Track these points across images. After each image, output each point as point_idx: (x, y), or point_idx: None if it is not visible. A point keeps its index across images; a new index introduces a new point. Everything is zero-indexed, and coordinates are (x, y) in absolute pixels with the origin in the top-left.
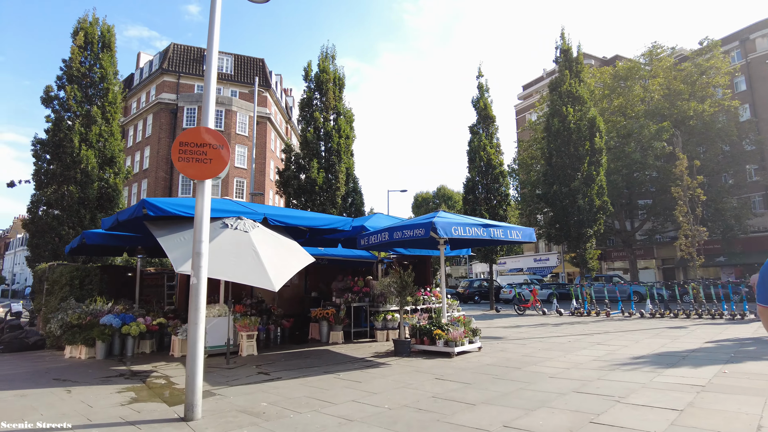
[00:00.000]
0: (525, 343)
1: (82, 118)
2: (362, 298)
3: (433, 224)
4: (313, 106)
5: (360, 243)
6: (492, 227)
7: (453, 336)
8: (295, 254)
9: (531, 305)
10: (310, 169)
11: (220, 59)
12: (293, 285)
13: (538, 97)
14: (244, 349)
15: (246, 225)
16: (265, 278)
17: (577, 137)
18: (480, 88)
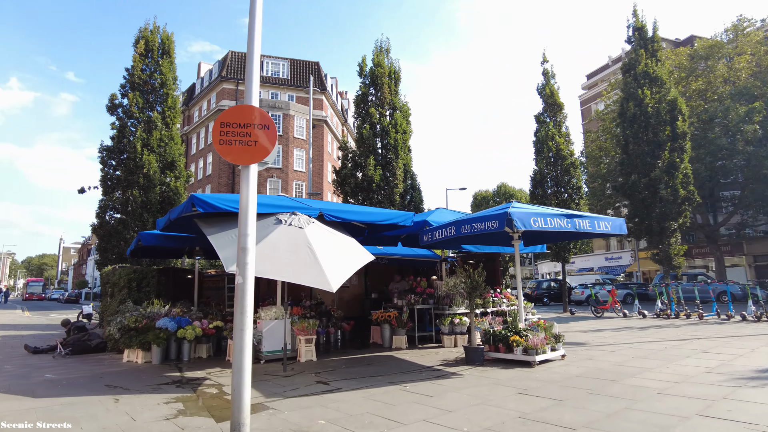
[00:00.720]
0: (613, 350)
1: (144, 123)
2: (426, 300)
3: (508, 215)
4: (368, 102)
5: (423, 240)
6: (577, 218)
7: (533, 343)
8: (353, 252)
9: (609, 307)
10: (367, 166)
11: (275, 65)
12: (353, 286)
13: (605, 86)
14: (303, 355)
15: (301, 221)
16: (321, 278)
17: (656, 122)
18: (545, 75)
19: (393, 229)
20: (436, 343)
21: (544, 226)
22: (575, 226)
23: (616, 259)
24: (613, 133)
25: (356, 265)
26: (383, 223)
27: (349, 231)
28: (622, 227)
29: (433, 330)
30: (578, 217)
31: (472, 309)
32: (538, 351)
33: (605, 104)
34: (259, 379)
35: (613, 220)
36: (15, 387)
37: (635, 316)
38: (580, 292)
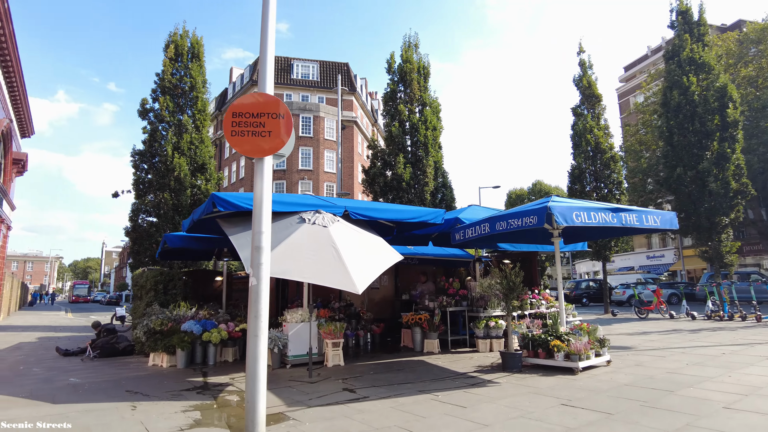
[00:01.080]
0: (664, 356)
1: (174, 127)
2: (459, 302)
3: (548, 209)
4: (397, 100)
5: (454, 238)
6: (623, 212)
7: (575, 348)
8: (380, 252)
9: (654, 308)
10: (396, 164)
11: (305, 67)
12: (383, 287)
13: (644, 77)
14: (330, 359)
15: (325, 219)
16: (346, 279)
17: (704, 110)
18: (582, 65)
19: (423, 227)
20: (471, 347)
21: (587, 221)
22: (621, 221)
23: (658, 257)
24: (654, 125)
25: (384, 265)
26: (412, 221)
27: (377, 230)
28: (673, 222)
29: (467, 333)
30: (624, 211)
31: (509, 311)
32: (582, 357)
33: (645, 96)
34: (283, 386)
35: (663, 214)
36: (38, 392)
37: (683, 318)
38: (622, 292)
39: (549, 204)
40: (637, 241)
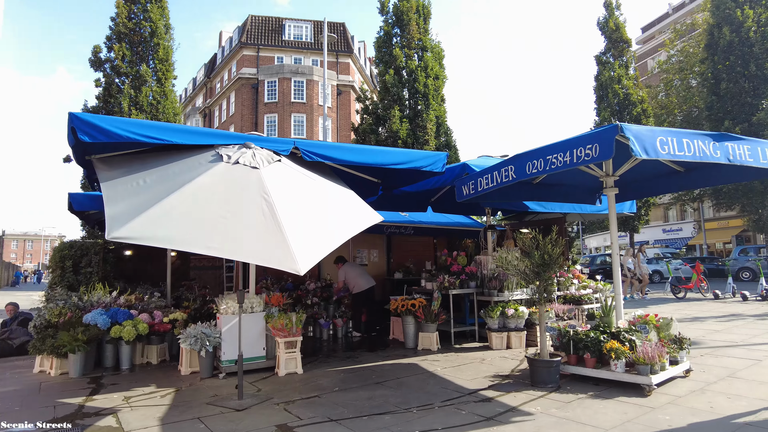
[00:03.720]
0: (756, 358)
1: (132, 79)
2: (465, 282)
3: (620, 131)
4: (392, 44)
5: (460, 193)
6: (730, 140)
7: (645, 354)
8: (346, 210)
9: (694, 286)
10: (391, 119)
11: (298, 28)
12: (372, 264)
13: (666, 36)
14: (282, 365)
15: (256, 157)
16: (281, 251)
17: (761, 50)
18: (608, 6)
19: (417, 179)
20: (480, 341)
21: (677, 153)
22: (728, 155)
23: (675, 231)
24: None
25: (349, 230)
26: (398, 167)
27: (355, 186)
28: None
29: (475, 322)
30: (731, 139)
31: (542, 298)
32: (654, 367)
33: (668, 55)
34: (193, 415)
35: None
36: None
37: (730, 298)
38: None
39: (620, 124)
40: (654, 213)
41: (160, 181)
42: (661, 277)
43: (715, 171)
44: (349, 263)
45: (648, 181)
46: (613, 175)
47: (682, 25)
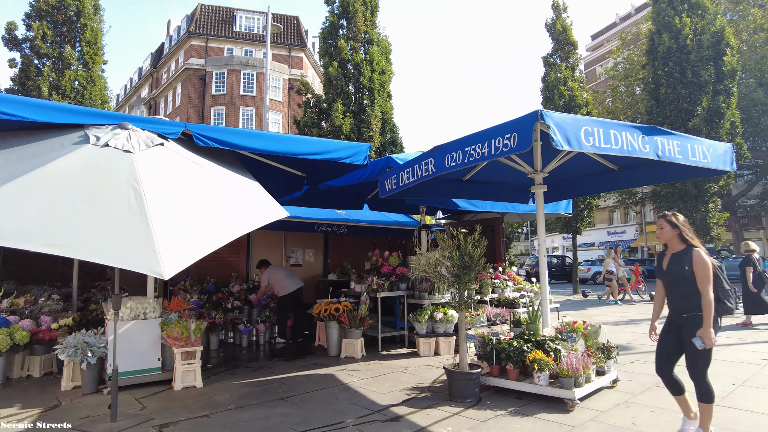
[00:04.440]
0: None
1: (54, 61)
2: (395, 285)
3: (539, 117)
4: (338, 36)
5: (383, 188)
6: (660, 135)
7: (570, 365)
8: (243, 203)
9: (633, 288)
10: (334, 113)
11: (249, 19)
12: (307, 264)
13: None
14: (179, 379)
15: (132, 140)
16: (143, 250)
17: (697, 58)
18: (555, 8)
19: (342, 173)
20: (410, 346)
21: (605, 145)
22: (657, 150)
23: (619, 233)
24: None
25: (241, 226)
26: (313, 157)
27: (277, 180)
28: (728, 158)
29: (405, 327)
30: (661, 133)
31: (462, 302)
32: (579, 379)
33: (614, 62)
34: None
35: (714, 146)
36: None
37: None
38: (586, 269)
39: (542, 111)
40: (599, 216)
41: (5, 166)
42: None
43: (649, 169)
44: (274, 266)
45: (582, 179)
46: (542, 172)
47: (628, 33)
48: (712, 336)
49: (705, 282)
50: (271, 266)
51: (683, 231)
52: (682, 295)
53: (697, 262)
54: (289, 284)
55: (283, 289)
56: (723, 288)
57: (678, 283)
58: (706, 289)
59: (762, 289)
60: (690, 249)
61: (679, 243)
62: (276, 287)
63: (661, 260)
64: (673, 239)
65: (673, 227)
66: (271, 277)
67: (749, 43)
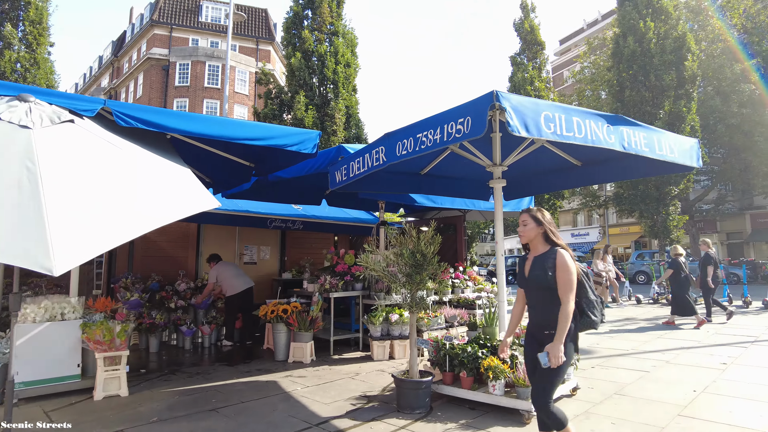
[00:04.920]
0: (645, 369)
1: None
2: (350, 284)
3: (495, 99)
4: (302, 27)
5: (333, 180)
6: (626, 125)
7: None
8: (167, 191)
9: None
10: (296, 106)
11: (216, 10)
12: (263, 262)
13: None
14: (100, 387)
15: (32, 114)
16: (30, 240)
17: (660, 62)
18: (524, 8)
19: (291, 163)
20: (364, 349)
21: (567, 133)
22: (623, 141)
23: (582, 235)
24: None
25: (161, 217)
26: (254, 143)
27: (223, 170)
28: (694, 153)
29: (360, 329)
30: (626, 123)
31: (414, 304)
32: None
33: (581, 66)
34: None
35: (680, 141)
36: None
37: (626, 301)
38: None
39: (498, 92)
40: (563, 218)
41: None
42: None
43: (613, 165)
44: (225, 262)
45: (544, 175)
46: (501, 165)
47: (595, 39)
48: (560, 353)
49: (566, 290)
50: (221, 262)
51: (548, 230)
52: (545, 306)
53: (560, 266)
54: (238, 283)
55: (231, 288)
56: (588, 298)
57: (540, 292)
58: (567, 298)
59: (688, 291)
60: (554, 251)
61: (542, 244)
62: (224, 286)
63: (523, 264)
64: (536, 239)
65: (537, 224)
66: (219, 274)
67: (707, 52)
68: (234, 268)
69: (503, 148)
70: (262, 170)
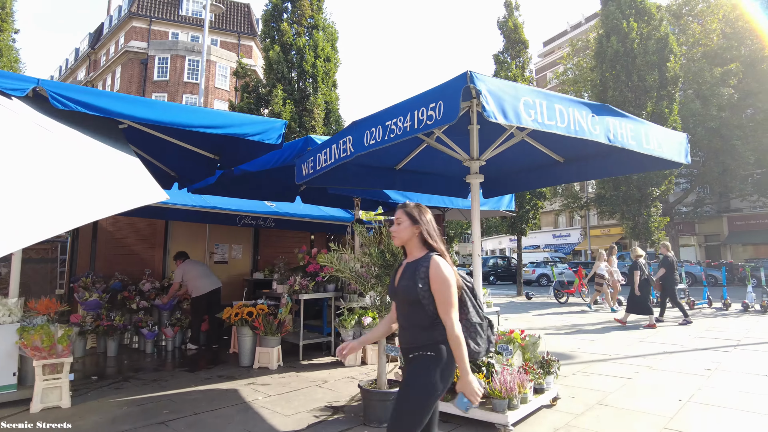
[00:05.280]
0: (628, 376)
1: None
2: (322, 285)
3: (469, 80)
4: (281, 20)
5: (300, 173)
6: (612, 115)
7: (504, 385)
8: (107, 181)
9: (576, 291)
10: (273, 100)
11: (197, 3)
12: (234, 262)
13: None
14: (37, 398)
15: None
16: None
17: (643, 62)
18: (508, 6)
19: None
20: (336, 355)
21: (548, 122)
22: (608, 133)
23: (564, 236)
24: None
25: (96, 210)
26: (210, 131)
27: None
28: (682, 150)
29: (332, 333)
30: (612, 114)
31: (383, 307)
32: (513, 401)
33: (564, 67)
34: None
35: (669, 135)
36: None
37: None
38: (531, 271)
39: (471, 72)
40: (545, 219)
41: None
42: (549, 280)
43: (598, 162)
44: (192, 261)
45: (524, 172)
46: (478, 159)
47: (578, 41)
48: (474, 386)
49: (445, 307)
50: (188, 261)
51: (425, 230)
52: (413, 325)
53: (434, 276)
54: (205, 284)
55: (197, 290)
56: (469, 320)
57: (409, 307)
58: (449, 317)
59: (648, 292)
60: (428, 257)
61: (418, 248)
62: (189, 286)
63: (395, 272)
64: (412, 241)
65: (413, 223)
66: (185, 273)
67: (688, 56)
68: (201, 267)
69: (482, 142)
70: (226, 163)
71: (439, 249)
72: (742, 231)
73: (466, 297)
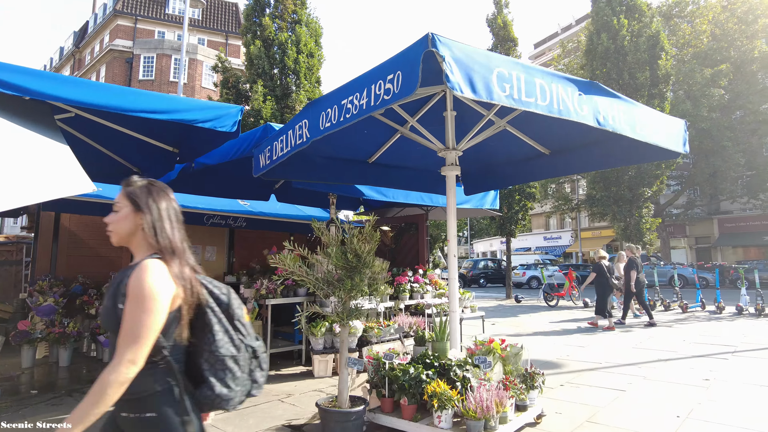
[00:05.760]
0: (621, 387)
1: None
2: (292, 290)
3: (431, 41)
4: (264, 14)
5: (257, 164)
6: (601, 94)
7: (480, 404)
8: (23, 169)
9: (566, 293)
10: (254, 96)
11: (183, 2)
12: (207, 264)
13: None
14: None
15: None
16: None
17: (634, 60)
18: (497, 3)
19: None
20: (307, 363)
21: (526, 98)
22: (597, 115)
23: (555, 239)
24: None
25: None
26: (152, 116)
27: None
28: (680, 138)
29: (303, 341)
30: (602, 93)
31: (345, 314)
32: (490, 422)
33: (555, 68)
34: None
35: (666, 121)
36: None
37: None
38: (521, 273)
39: (432, 34)
40: (536, 222)
41: None
42: (539, 283)
43: (586, 153)
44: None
45: (508, 166)
46: (455, 149)
47: (569, 42)
48: None
49: (127, 336)
50: None
51: (153, 224)
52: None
53: (131, 289)
54: None
55: None
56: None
57: (113, 337)
58: (123, 351)
59: (609, 294)
60: (139, 264)
61: (143, 249)
62: None
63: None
64: (135, 239)
65: (136, 210)
66: None
67: (678, 57)
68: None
69: (459, 131)
70: (185, 156)
71: (172, 249)
72: (733, 233)
73: (211, 318)
